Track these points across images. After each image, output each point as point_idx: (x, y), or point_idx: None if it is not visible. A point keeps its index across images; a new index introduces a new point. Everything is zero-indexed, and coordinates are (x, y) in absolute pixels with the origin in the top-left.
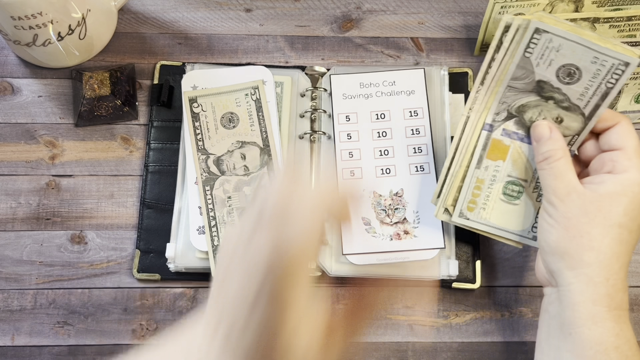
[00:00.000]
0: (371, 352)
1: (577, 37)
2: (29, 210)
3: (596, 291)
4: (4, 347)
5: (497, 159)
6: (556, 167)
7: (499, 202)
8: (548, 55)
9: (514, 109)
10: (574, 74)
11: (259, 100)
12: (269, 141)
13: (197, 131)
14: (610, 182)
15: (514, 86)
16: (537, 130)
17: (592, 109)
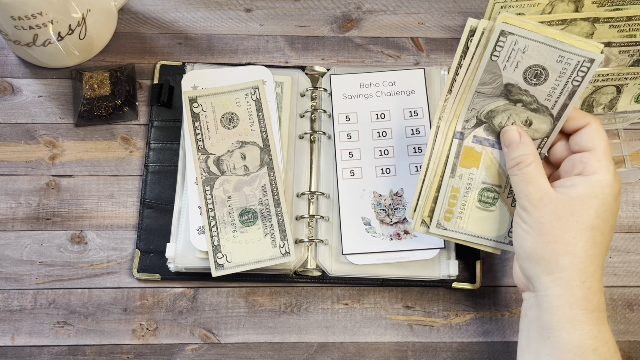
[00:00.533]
0: (371, 352)
1: (541, 37)
2: (29, 210)
3: (573, 294)
4: (4, 347)
5: (470, 167)
6: (527, 172)
7: (475, 210)
8: (514, 58)
9: (482, 114)
10: (540, 75)
11: (259, 100)
12: (269, 141)
13: (197, 131)
14: (581, 184)
15: (482, 91)
16: (506, 136)
17: (560, 108)
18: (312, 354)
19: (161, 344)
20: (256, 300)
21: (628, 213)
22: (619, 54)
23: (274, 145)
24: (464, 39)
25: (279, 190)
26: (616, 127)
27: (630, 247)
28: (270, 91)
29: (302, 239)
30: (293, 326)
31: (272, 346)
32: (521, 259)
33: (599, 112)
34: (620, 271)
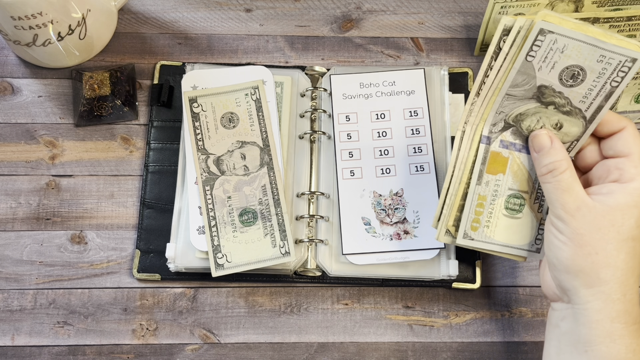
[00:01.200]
0: (371, 352)
1: (583, 36)
2: (29, 210)
3: (614, 308)
4: (4, 347)
5: (497, 173)
6: (563, 179)
7: (502, 218)
8: (552, 58)
9: (511, 118)
10: (577, 76)
11: (259, 100)
12: (269, 141)
13: (197, 131)
14: (619, 193)
15: (512, 94)
16: (536, 141)
17: (595, 110)
18: (312, 354)
19: (161, 344)
20: (256, 300)
21: None
22: None
23: (273, 145)
24: (496, 38)
25: (279, 190)
26: None
27: None
28: (270, 91)
29: (302, 239)
30: (293, 326)
31: (272, 346)
32: (557, 271)
33: None
34: None
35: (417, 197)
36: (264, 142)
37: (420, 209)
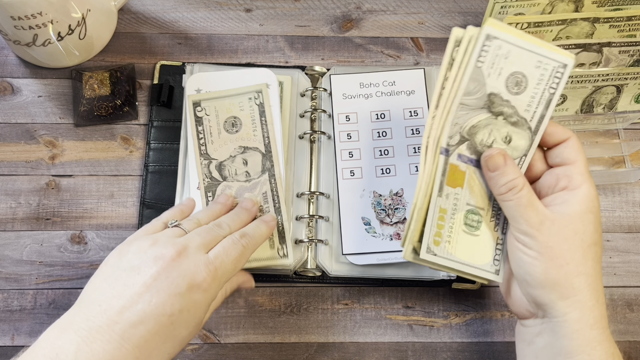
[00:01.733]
0: (371, 352)
1: (522, 42)
2: (29, 210)
3: (591, 315)
4: (3, 347)
5: (456, 186)
6: (523, 196)
7: (462, 234)
8: (498, 64)
9: (465, 130)
10: (521, 83)
11: (262, 105)
12: (271, 147)
13: (200, 135)
14: (573, 201)
15: (466, 103)
16: (491, 162)
17: (538, 120)
18: (312, 354)
19: None
20: (256, 300)
21: (628, 213)
22: (619, 54)
23: (275, 151)
24: (449, 50)
25: (279, 198)
26: (616, 127)
27: (631, 247)
28: (274, 95)
29: (302, 239)
30: (293, 326)
31: (272, 346)
32: (530, 287)
33: (599, 112)
34: (620, 271)
35: None
36: (265, 148)
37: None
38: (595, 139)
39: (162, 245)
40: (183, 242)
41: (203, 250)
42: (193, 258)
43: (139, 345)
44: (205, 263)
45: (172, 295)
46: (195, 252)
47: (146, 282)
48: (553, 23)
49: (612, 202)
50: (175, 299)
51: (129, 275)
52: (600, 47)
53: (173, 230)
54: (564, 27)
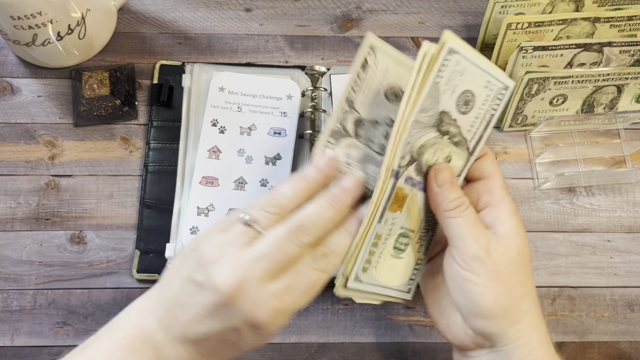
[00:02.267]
0: (371, 352)
1: (477, 60)
2: (29, 211)
3: (540, 333)
4: (3, 347)
5: (395, 210)
6: (471, 214)
7: (388, 258)
8: (453, 80)
9: (415, 150)
10: (469, 102)
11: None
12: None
13: (357, 81)
14: (504, 218)
15: (420, 120)
16: (441, 175)
17: (476, 141)
18: (312, 354)
19: None
20: None
21: (628, 213)
22: (620, 53)
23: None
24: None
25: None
26: (617, 127)
27: (631, 248)
28: (295, 107)
29: None
30: (293, 326)
31: (272, 346)
32: (479, 319)
33: (599, 112)
34: (620, 271)
35: None
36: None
37: None
38: (595, 139)
39: (223, 271)
40: (244, 275)
41: (268, 280)
42: (253, 295)
43: (203, 353)
44: (267, 301)
45: (231, 329)
46: (256, 286)
47: (207, 308)
48: (553, 23)
49: (613, 202)
50: (233, 332)
51: (194, 289)
52: (601, 46)
53: (243, 234)
54: (565, 26)
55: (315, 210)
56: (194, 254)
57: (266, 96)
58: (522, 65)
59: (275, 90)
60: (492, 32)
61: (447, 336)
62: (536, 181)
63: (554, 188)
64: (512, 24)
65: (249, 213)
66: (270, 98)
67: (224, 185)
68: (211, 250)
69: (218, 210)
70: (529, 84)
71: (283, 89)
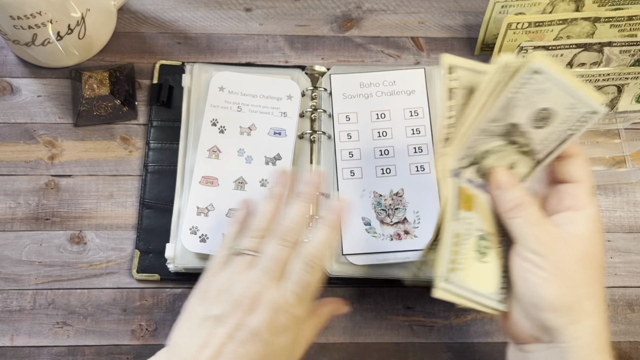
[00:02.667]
0: (371, 352)
1: (566, 82)
2: (28, 211)
3: (600, 339)
4: (3, 347)
5: (467, 209)
6: (533, 213)
7: (473, 262)
8: (532, 97)
9: (477, 155)
10: (547, 118)
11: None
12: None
13: (451, 111)
14: (581, 222)
15: (488, 129)
16: (497, 177)
17: (546, 155)
18: (312, 354)
19: (161, 344)
20: None
21: (629, 213)
22: (620, 53)
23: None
24: (492, 73)
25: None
26: (617, 127)
27: (631, 248)
28: (295, 107)
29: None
30: None
31: None
32: (540, 311)
33: None
34: (621, 271)
35: (418, 197)
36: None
37: (420, 209)
38: (596, 139)
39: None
40: (257, 288)
41: (276, 286)
42: (270, 303)
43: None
44: (283, 304)
45: (256, 343)
46: (271, 294)
47: (228, 332)
48: (554, 23)
49: (613, 202)
50: (259, 346)
51: (212, 324)
52: (601, 46)
53: (242, 262)
54: (565, 26)
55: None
56: (204, 299)
57: (266, 96)
58: None
59: (275, 90)
60: (492, 32)
61: (506, 328)
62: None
63: None
64: (512, 23)
65: (240, 245)
66: (270, 98)
67: (223, 185)
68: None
69: (218, 210)
70: None
71: (283, 89)
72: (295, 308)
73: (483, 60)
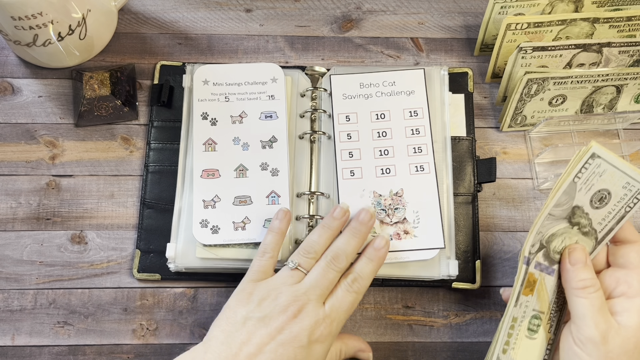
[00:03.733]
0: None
1: (621, 164)
2: (29, 210)
3: None
4: (4, 347)
5: (528, 294)
6: (598, 298)
7: (524, 339)
8: (591, 180)
9: (545, 239)
10: (604, 199)
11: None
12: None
13: None
14: (633, 311)
15: (553, 213)
16: (574, 255)
17: (606, 233)
18: None
19: (161, 344)
20: None
21: None
22: (619, 54)
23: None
24: (581, 162)
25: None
26: (616, 127)
27: None
28: (281, 88)
29: (302, 239)
30: None
31: None
32: None
33: (598, 112)
34: None
35: (417, 197)
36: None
37: (420, 209)
38: (595, 139)
39: (285, 300)
40: (304, 299)
41: (321, 302)
42: (314, 313)
43: None
44: (324, 317)
45: (296, 347)
46: (315, 307)
47: (271, 333)
48: (553, 23)
49: None
50: (298, 350)
51: (254, 325)
52: (600, 47)
53: (292, 276)
54: (564, 27)
55: (343, 241)
56: (247, 302)
57: (251, 82)
58: (522, 65)
59: (258, 75)
60: (491, 33)
61: None
62: (535, 181)
63: None
64: (511, 24)
65: (293, 260)
66: (255, 84)
67: (225, 175)
68: (267, 291)
69: (224, 201)
70: (528, 84)
71: (266, 73)
72: (334, 324)
73: (482, 60)
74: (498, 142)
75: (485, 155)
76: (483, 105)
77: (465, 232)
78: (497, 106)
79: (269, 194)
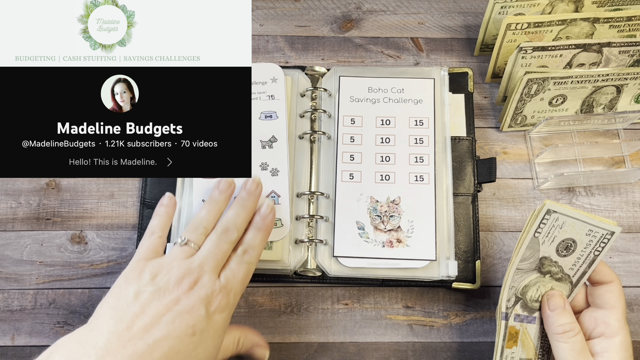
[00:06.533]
0: (371, 352)
1: (578, 214)
2: (29, 210)
3: None
4: (4, 347)
5: (512, 347)
6: (578, 341)
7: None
8: (553, 233)
9: (519, 291)
10: (570, 247)
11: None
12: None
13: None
14: (612, 351)
15: (521, 268)
16: (552, 301)
17: (580, 276)
18: (312, 354)
19: None
20: (256, 300)
21: (628, 213)
22: (619, 54)
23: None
24: (538, 219)
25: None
26: (616, 127)
27: (630, 247)
28: (281, 88)
29: (302, 239)
30: (293, 326)
31: (272, 346)
32: None
33: (599, 112)
34: (620, 271)
35: (414, 207)
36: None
37: (415, 218)
38: (595, 139)
39: (179, 272)
40: (198, 271)
41: (215, 274)
42: (209, 284)
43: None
44: (220, 288)
45: (194, 316)
46: (210, 278)
47: (167, 304)
48: (553, 23)
49: (612, 202)
50: (197, 319)
51: (149, 297)
52: (600, 47)
53: (183, 251)
54: (564, 27)
55: (232, 214)
56: (138, 279)
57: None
58: (522, 65)
59: (258, 75)
60: (491, 33)
61: None
62: (535, 181)
63: (553, 188)
64: (511, 24)
65: (182, 237)
66: (255, 84)
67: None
68: (160, 267)
69: None
70: (528, 84)
71: (265, 73)
72: (231, 295)
73: (482, 60)
74: (498, 142)
75: (486, 155)
76: (483, 105)
77: (465, 232)
78: (497, 106)
79: (269, 193)
